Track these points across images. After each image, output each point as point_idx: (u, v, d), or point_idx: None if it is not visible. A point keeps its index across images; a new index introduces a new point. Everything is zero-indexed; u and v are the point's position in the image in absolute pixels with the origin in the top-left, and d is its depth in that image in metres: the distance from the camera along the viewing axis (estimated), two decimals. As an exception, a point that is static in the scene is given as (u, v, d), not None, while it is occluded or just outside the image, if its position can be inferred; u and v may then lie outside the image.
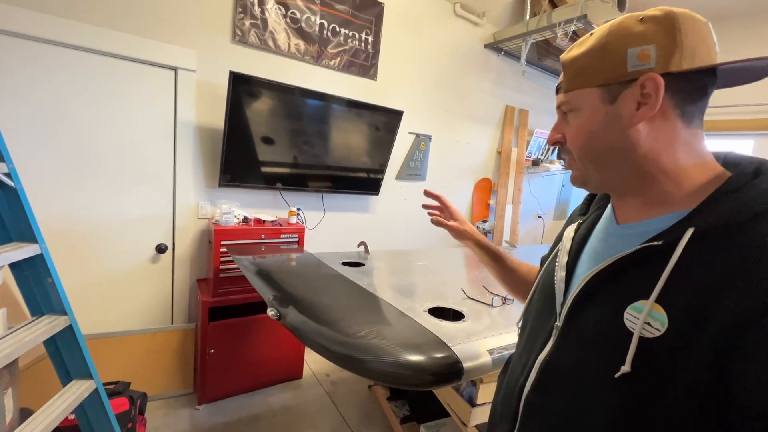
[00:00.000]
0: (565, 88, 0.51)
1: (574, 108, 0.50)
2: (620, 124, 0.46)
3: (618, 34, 0.45)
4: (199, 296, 1.90)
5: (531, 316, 0.62)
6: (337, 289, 1.32)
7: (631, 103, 0.45)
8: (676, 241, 0.41)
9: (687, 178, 0.45)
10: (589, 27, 2.40)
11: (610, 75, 0.46)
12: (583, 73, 0.48)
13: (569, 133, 0.52)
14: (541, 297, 0.61)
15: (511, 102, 3.36)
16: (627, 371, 0.41)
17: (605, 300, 0.47)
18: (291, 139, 2.15)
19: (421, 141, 2.84)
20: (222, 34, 1.94)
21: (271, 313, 1.09)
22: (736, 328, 0.36)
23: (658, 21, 0.43)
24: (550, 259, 0.63)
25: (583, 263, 0.55)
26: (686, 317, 0.39)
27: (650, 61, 0.43)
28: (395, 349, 0.88)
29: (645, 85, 0.43)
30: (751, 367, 0.35)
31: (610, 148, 0.48)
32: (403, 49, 2.60)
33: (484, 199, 3.40)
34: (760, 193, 0.40)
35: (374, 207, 2.71)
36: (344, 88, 2.36)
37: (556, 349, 0.52)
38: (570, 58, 0.50)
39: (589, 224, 0.59)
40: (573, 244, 0.58)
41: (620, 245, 0.49)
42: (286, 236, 2.04)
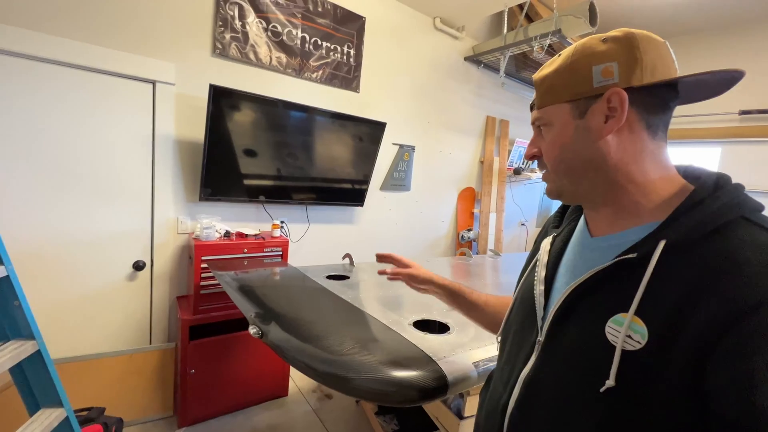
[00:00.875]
0: (538, 104, 0.54)
1: (547, 123, 0.53)
2: (590, 137, 0.48)
3: (583, 53, 0.48)
4: (179, 314, 1.84)
5: (511, 331, 0.62)
6: (320, 303, 1.30)
7: (599, 117, 0.47)
8: (650, 254, 0.43)
9: (654, 190, 0.47)
10: (564, 41, 2.49)
11: (577, 91, 0.48)
12: (553, 90, 0.51)
13: (544, 146, 0.54)
14: (521, 311, 0.61)
15: (492, 113, 3.44)
16: (612, 385, 0.42)
17: (586, 314, 0.48)
18: (274, 151, 2.13)
19: (405, 152, 2.86)
20: (202, 47, 1.93)
21: (252, 331, 1.07)
22: (709, 338, 0.37)
23: (619, 41, 0.46)
24: (528, 273, 0.64)
25: (562, 277, 0.56)
26: (664, 329, 0.40)
27: (614, 77, 0.46)
28: (380, 366, 0.87)
29: (611, 99, 0.46)
30: (724, 375, 0.36)
31: (582, 160, 0.50)
32: (385, 61, 2.63)
33: (468, 208, 3.43)
34: (721, 207, 0.42)
35: (359, 218, 2.71)
36: (327, 101, 2.37)
37: (539, 364, 0.52)
38: (541, 77, 0.53)
39: (564, 237, 0.60)
40: (550, 258, 0.59)
41: (596, 258, 0.50)
42: (270, 250, 2.00)
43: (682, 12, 2.93)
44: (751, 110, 3.01)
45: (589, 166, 0.49)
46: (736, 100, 3.06)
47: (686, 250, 0.41)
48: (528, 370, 0.53)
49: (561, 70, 0.50)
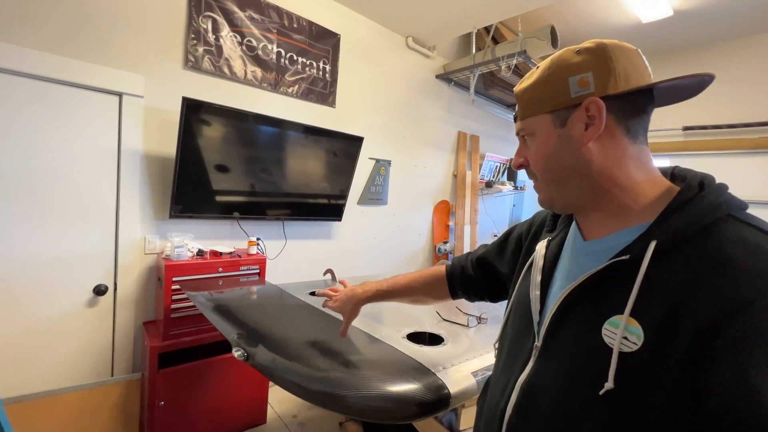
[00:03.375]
0: (521, 116, 0.55)
1: (530, 133, 0.54)
2: (572, 144, 0.50)
3: (559, 66, 0.50)
4: (147, 341, 1.70)
5: (508, 337, 0.62)
6: (307, 321, 1.25)
7: (579, 125, 0.49)
8: (642, 255, 0.44)
9: (641, 192, 0.49)
10: (529, 61, 2.64)
11: (557, 101, 0.50)
12: (533, 102, 0.53)
13: (530, 156, 0.55)
14: (517, 316, 0.61)
15: (463, 128, 3.56)
16: (611, 388, 0.42)
17: (582, 317, 0.48)
18: (247, 166, 2.07)
19: (381, 166, 2.88)
20: (173, 59, 1.86)
21: (237, 354, 1.00)
22: (703, 336, 0.37)
23: (592, 52, 0.48)
24: (523, 278, 0.64)
25: (557, 281, 0.56)
26: (659, 329, 0.40)
27: (590, 87, 0.48)
28: (376, 381, 0.84)
29: (589, 107, 0.48)
30: (719, 373, 0.36)
31: (567, 167, 0.51)
32: (360, 77, 2.67)
33: (443, 221, 3.49)
34: (707, 206, 0.43)
35: (337, 233, 2.67)
36: (303, 115, 2.35)
37: (536, 369, 0.52)
38: (521, 89, 0.55)
39: (559, 241, 0.61)
40: (545, 262, 0.59)
41: (590, 261, 0.51)
42: (246, 268, 1.92)
43: (633, 38, 3.22)
44: (693, 126, 3.31)
45: (574, 173, 0.51)
46: (680, 117, 3.37)
47: (676, 250, 0.42)
48: (525, 375, 0.53)
49: (539, 82, 0.52)
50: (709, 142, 3.26)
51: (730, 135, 3.19)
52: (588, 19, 3.02)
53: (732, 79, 3.14)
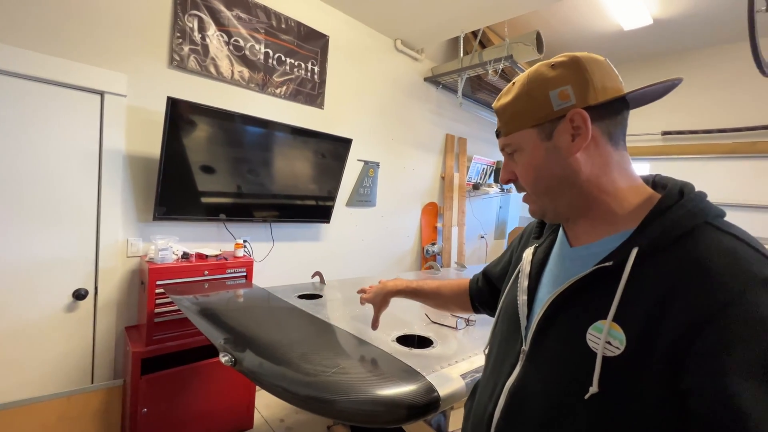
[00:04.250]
0: (504, 132, 0.56)
1: (517, 149, 0.55)
2: (561, 156, 0.51)
3: (536, 81, 0.52)
4: (129, 346, 1.66)
5: (497, 341, 0.63)
6: (295, 324, 1.24)
7: (565, 136, 0.50)
8: (625, 261, 0.45)
9: (625, 198, 0.50)
10: (515, 65, 2.69)
11: (540, 116, 0.51)
12: (516, 118, 0.54)
13: (518, 171, 0.56)
14: (505, 321, 0.62)
15: (451, 131, 3.59)
16: (595, 392, 0.43)
17: (567, 322, 0.49)
18: (234, 167, 2.04)
19: (370, 168, 2.88)
20: (157, 58, 1.82)
21: (224, 359, 0.98)
22: (683, 340, 0.39)
23: (567, 65, 0.50)
24: (511, 284, 0.65)
25: (544, 286, 0.57)
26: (641, 334, 0.41)
27: (571, 99, 0.49)
28: (366, 385, 0.83)
29: (573, 119, 0.49)
30: (698, 375, 0.38)
31: (557, 178, 0.52)
32: (349, 79, 2.66)
33: (431, 223, 3.51)
34: (686, 213, 0.45)
35: (325, 235, 2.65)
36: (291, 116, 2.33)
37: (523, 373, 0.53)
38: (501, 105, 0.56)
39: (545, 248, 0.62)
40: (532, 268, 0.61)
41: (576, 267, 0.52)
42: (233, 271, 1.89)
43: (615, 44, 3.31)
44: (672, 131, 3.43)
45: (564, 182, 0.52)
46: (659, 122, 3.48)
47: (656, 256, 0.44)
48: (513, 379, 0.54)
49: (519, 97, 0.53)
50: (686, 146, 3.38)
51: (706, 140, 3.31)
52: (572, 25, 3.09)
53: (708, 86, 3.27)
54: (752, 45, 1.43)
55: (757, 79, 2.80)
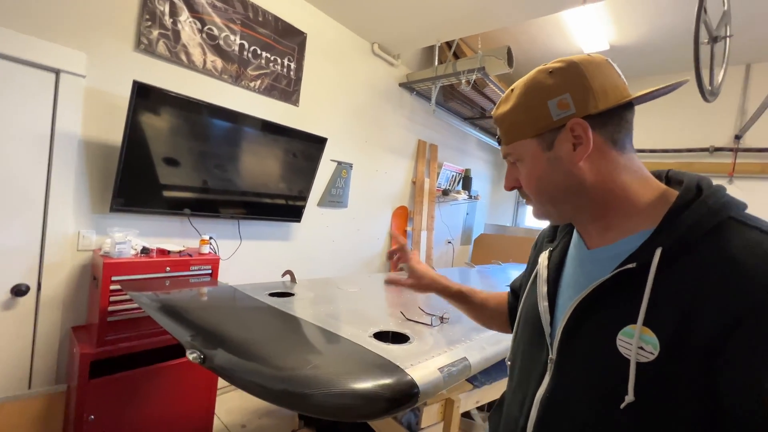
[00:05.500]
0: (505, 141, 0.55)
1: (518, 158, 0.54)
2: (563, 166, 0.49)
3: (534, 89, 0.50)
4: (77, 348, 1.52)
5: (520, 351, 0.61)
6: (268, 321, 1.20)
7: (567, 146, 0.49)
8: (649, 262, 0.43)
9: (638, 199, 0.49)
10: (487, 77, 2.81)
11: (539, 126, 0.50)
12: (516, 128, 0.52)
13: (522, 179, 0.55)
14: (527, 330, 0.60)
15: (423, 137, 3.67)
16: (632, 401, 0.41)
17: (595, 328, 0.48)
18: (201, 161, 1.95)
19: (343, 169, 2.87)
20: (123, 39, 1.72)
21: (192, 356, 0.93)
22: (716, 341, 0.38)
23: (565, 72, 0.49)
24: (529, 290, 0.63)
25: (564, 292, 0.56)
26: (674, 337, 0.40)
27: (570, 108, 0.48)
28: (343, 378, 0.82)
29: (574, 129, 0.48)
30: (733, 375, 0.37)
31: (561, 188, 0.51)
32: (325, 79, 2.65)
33: (401, 226, 3.54)
34: (709, 209, 0.43)
35: (295, 235, 2.60)
36: (265, 111, 2.28)
37: (554, 383, 0.51)
38: (500, 114, 0.55)
39: (560, 251, 0.60)
40: (550, 273, 0.59)
41: (597, 270, 0.50)
42: (197, 268, 1.79)
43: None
44: (644, 149, 3.70)
45: (569, 192, 0.50)
46: (612, 139, 3.76)
47: (682, 256, 0.42)
48: (543, 390, 0.52)
49: (518, 107, 0.52)
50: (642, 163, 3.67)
51: (652, 158, 3.63)
52: (538, 45, 3.29)
53: (655, 110, 3.58)
54: (696, 73, 1.59)
55: (696, 107, 3.12)
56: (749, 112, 3.13)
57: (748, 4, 2.36)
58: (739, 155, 3.27)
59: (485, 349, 1.05)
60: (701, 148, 3.41)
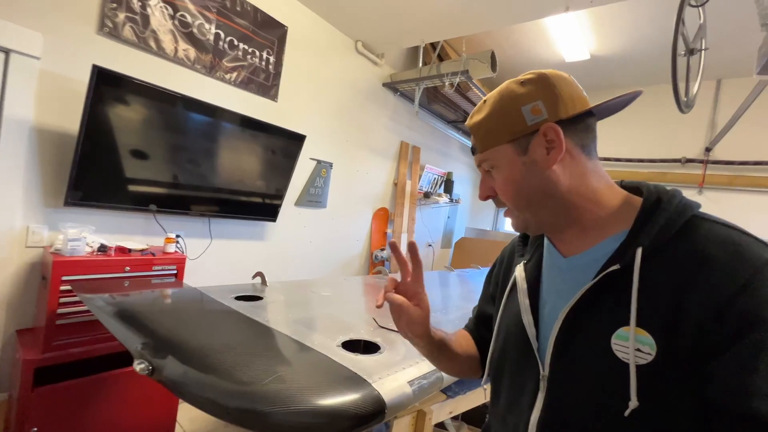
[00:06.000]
0: (480, 148, 0.55)
1: (494, 165, 0.54)
2: (538, 169, 0.51)
3: (508, 97, 0.52)
4: (20, 353, 1.39)
5: (506, 371, 0.58)
6: (229, 328, 1.12)
7: (541, 150, 0.50)
8: (632, 263, 0.44)
9: (607, 202, 0.51)
10: (470, 81, 2.80)
11: (514, 130, 0.51)
12: (491, 134, 0.53)
13: (497, 186, 0.55)
14: (512, 347, 0.57)
15: (406, 138, 3.63)
16: (636, 406, 0.40)
17: (587, 334, 0.47)
18: (171, 155, 1.85)
19: (323, 168, 2.79)
20: (85, 21, 1.60)
21: (140, 367, 0.85)
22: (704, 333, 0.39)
23: (535, 82, 0.51)
24: (507, 306, 0.61)
25: (548, 302, 0.55)
26: (668, 334, 0.40)
27: (542, 114, 0.50)
28: (306, 395, 0.76)
29: (547, 133, 0.50)
30: (722, 369, 0.38)
31: (537, 191, 0.51)
32: (306, 74, 2.57)
33: (381, 228, 3.49)
34: (675, 210, 0.46)
35: (270, 234, 2.51)
36: (242, 105, 2.18)
37: (549, 401, 0.49)
38: (475, 123, 0.55)
39: (535, 264, 0.59)
40: (530, 285, 0.58)
41: (579, 277, 0.50)
42: (161, 268, 1.69)
43: (555, 73, 3.60)
44: (620, 158, 3.78)
45: (545, 195, 0.51)
46: (591, 148, 3.84)
47: (660, 254, 0.44)
48: (539, 411, 0.49)
49: (493, 114, 0.53)
50: (611, 171, 3.75)
51: (627, 167, 3.72)
52: (521, 50, 3.31)
53: (632, 120, 3.68)
54: (673, 84, 1.61)
55: (670, 119, 3.21)
56: (719, 126, 3.24)
57: (721, 22, 2.44)
58: (709, 167, 3.39)
59: (459, 360, 1.01)
60: (674, 159, 3.52)
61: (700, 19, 1.68)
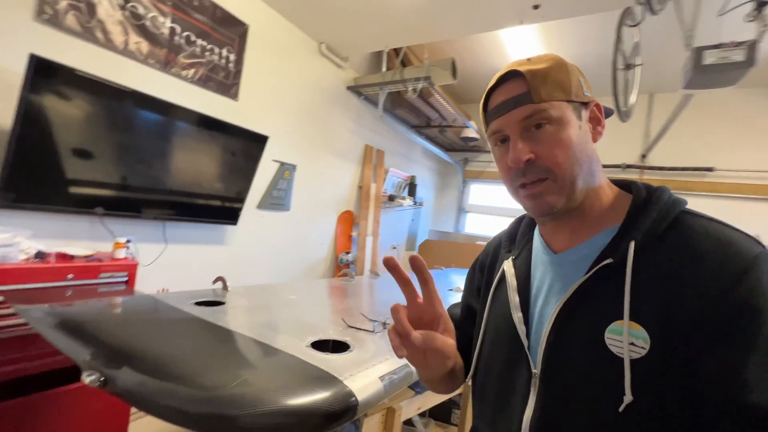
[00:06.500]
0: (539, 97, 0.47)
1: (553, 120, 0.47)
2: (588, 139, 0.50)
3: (567, 62, 0.50)
4: (-63, 376, 1.22)
5: (494, 371, 0.55)
6: (190, 334, 1.07)
7: (589, 124, 0.51)
8: (625, 257, 0.44)
9: (605, 196, 0.51)
10: (432, 87, 2.88)
11: (577, 93, 0.49)
12: (557, 85, 0.48)
13: (546, 146, 0.47)
14: (500, 345, 0.55)
15: (370, 142, 3.66)
16: (630, 401, 0.40)
17: (580, 330, 0.46)
18: (120, 154, 1.73)
19: (286, 170, 2.74)
20: (20, 6, 1.46)
21: (90, 379, 0.78)
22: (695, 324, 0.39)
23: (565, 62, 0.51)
24: (494, 302, 0.58)
25: (540, 299, 0.52)
26: (661, 327, 0.40)
27: (589, 90, 0.51)
28: (275, 396, 0.75)
29: (594, 109, 0.51)
30: (715, 361, 0.38)
31: (588, 162, 0.49)
32: (268, 75, 2.52)
33: (346, 231, 3.48)
34: (665, 205, 0.46)
35: (231, 238, 2.41)
36: (200, 103, 2.09)
37: (542, 402, 0.47)
38: (534, 70, 0.48)
39: (524, 260, 0.57)
40: (519, 281, 0.55)
41: (571, 273, 0.49)
42: (109, 275, 1.57)
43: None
44: None
45: (590, 168, 0.49)
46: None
47: (651, 248, 0.44)
48: (532, 410, 0.47)
49: (556, 68, 0.48)
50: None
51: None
52: (478, 60, 3.47)
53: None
54: (614, 95, 1.77)
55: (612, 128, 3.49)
56: (653, 135, 3.60)
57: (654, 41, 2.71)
58: (645, 172, 3.74)
59: (427, 355, 1.04)
60: (615, 165, 3.84)
61: (635, 38, 1.87)
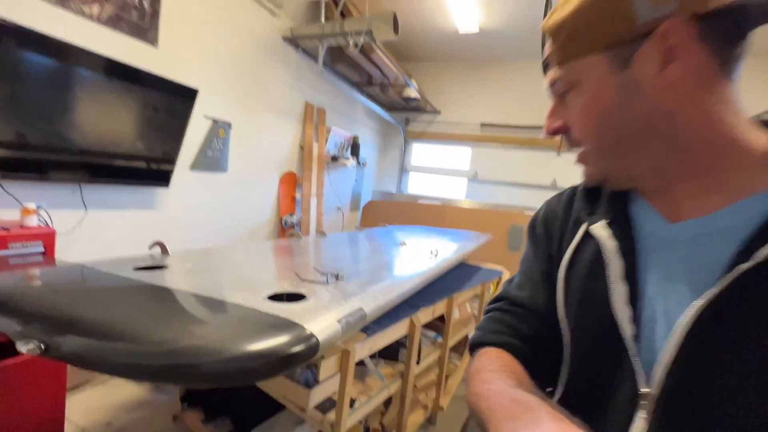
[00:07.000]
0: (559, 59, 0.40)
1: (575, 83, 0.40)
2: (642, 93, 0.36)
3: None
4: None
5: (577, 379, 0.44)
6: (135, 297, 1.03)
7: (652, 63, 0.35)
8: None
9: (749, 145, 0.36)
10: (374, 42, 2.81)
11: (615, 32, 0.36)
12: (578, 38, 0.38)
13: (573, 116, 0.42)
14: (589, 344, 0.43)
15: (311, 100, 3.51)
16: None
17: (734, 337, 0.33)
18: (10, 107, 1.48)
19: (220, 128, 2.55)
20: None
21: (27, 347, 0.74)
22: None
23: None
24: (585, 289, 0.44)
25: (653, 289, 0.39)
26: None
27: (670, 3, 0.33)
28: (236, 342, 0.78)
29: (668, 36, 0.33)
30: None
31: (636, 127, 0.37)
32: (192, 18, 2.25)
33: (289, 193, 3.41)
34: None
35: (162, 202, 2.24)
36: (109, 47, 1.82)
37: (662, 428, 0.36)
38: (555, 23, 0.39)
39: (623, 230, 0.43)
40: (627, 262, 0.41)
41: (704, 254, 0.36)
42: (21, 245, 1.39)
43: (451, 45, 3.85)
44: (488, 123, 4.29)
45: (648, 133, 0.37)
46: (479, 114, 4.30)
47: None
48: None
49: (586, 8, 0.36)
50: (499, 136, 4.29)
51: (513, 133, 4.28)
52: (419, 19, 3.43)
53: (516, 90, 4.19)
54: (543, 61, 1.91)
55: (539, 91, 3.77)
56: (572, 99, 3.96)
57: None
58: (565, 134, 4.15)
59: (378, 299, 1.12)
60: (539, 126, 4.19)
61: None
